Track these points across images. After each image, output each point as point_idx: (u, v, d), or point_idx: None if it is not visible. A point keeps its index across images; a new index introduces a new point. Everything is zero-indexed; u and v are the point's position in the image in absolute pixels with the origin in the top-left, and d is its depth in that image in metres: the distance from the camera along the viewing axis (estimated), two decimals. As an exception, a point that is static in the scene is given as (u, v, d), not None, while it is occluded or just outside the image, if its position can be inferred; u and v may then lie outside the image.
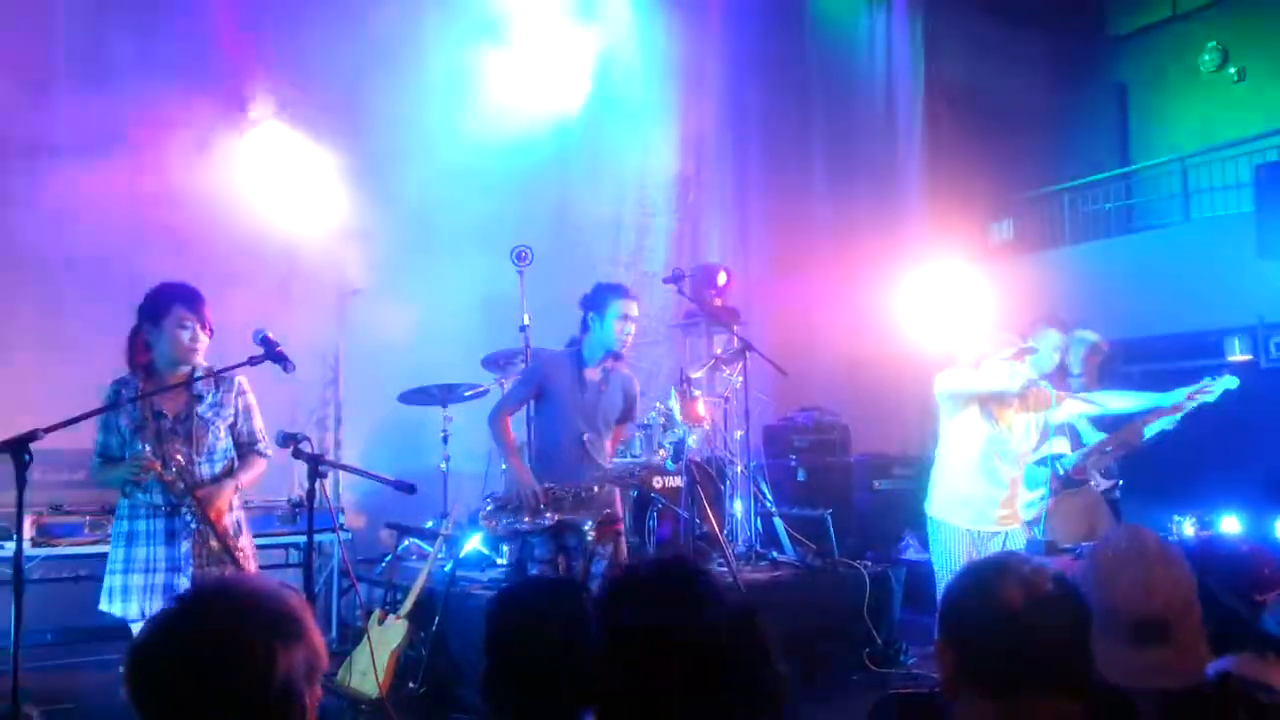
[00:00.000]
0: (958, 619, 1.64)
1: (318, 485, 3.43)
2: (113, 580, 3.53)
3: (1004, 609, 1.57)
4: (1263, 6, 9.69)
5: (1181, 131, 9.88)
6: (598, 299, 4.29)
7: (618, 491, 4.45)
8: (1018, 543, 4.43)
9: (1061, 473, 5.10)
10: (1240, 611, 2.17)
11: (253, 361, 3.46)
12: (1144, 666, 1.74)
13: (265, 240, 6.21)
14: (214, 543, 3.48)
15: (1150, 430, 4.89)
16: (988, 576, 1.62)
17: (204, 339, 3.58)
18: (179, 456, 3.46)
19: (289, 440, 3.28)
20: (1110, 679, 1.75)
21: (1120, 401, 4.78)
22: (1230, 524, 5.62)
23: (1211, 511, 5.41)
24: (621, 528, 4.44)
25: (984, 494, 4.43)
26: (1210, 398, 4.50)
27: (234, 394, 3.69)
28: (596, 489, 4.21)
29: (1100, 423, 5.41)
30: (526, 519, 4.12)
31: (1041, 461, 5.17)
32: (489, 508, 4.25)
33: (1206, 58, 10.13)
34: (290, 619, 1.31)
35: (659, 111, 8.44)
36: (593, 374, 4.31)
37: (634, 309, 4.30)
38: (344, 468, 3.89)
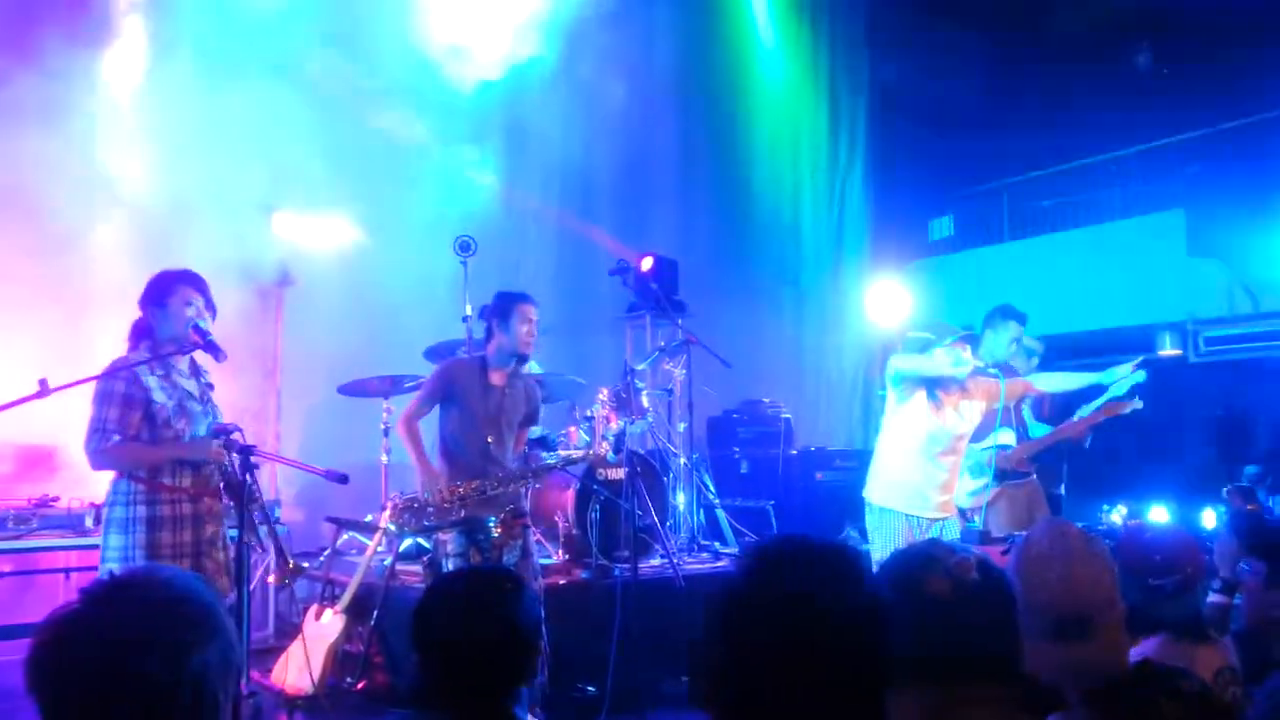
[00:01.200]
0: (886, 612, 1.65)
1: (254, 478, 3.40)
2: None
3: (931, 600, 1.58)
4: (1194, 10, 9.92)
5: (1118, 131, 10.08)
6: (501, 306, 4.40)
7: (523, 488, 4.54)
8: (954, 530, 4.50)
9: (1006, 464, 5.20)
10: (1134, 596, 2.22)
11: (183, 350, 3.39)
12: (1068, 661, 1.76)
13: (194, 220, 6.03)
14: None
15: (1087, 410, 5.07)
16: (913, 568, 1.63)
17: (209, 319, 3.53)
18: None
19: (221, 432, 3.22)
20: (1035, 674, 1.78)
21: (1058, 383, 4.92)
22: (1159, 514, 5.76)
23: (1141, 502, 5.54)
24: (528, 521, 4.52)
25: (924, 480, 4.48)
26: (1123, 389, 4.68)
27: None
28: (500, 488, 4.30)
29: (1040, 415, 5.53)
30: (432, 515, 4.19)
31: (987, 451, 5.27)
32: (394, 506, 4.28)
33: (1141, 59, 10.35)
34: (203, 613, 1.27)
35: (601, 101, 8.42)
36: (497, 379, 4.40)
37: (535, 313, 4.41)
38: (275, 459, 3.84)
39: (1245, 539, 2.53)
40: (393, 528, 4.32)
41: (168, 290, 3.48)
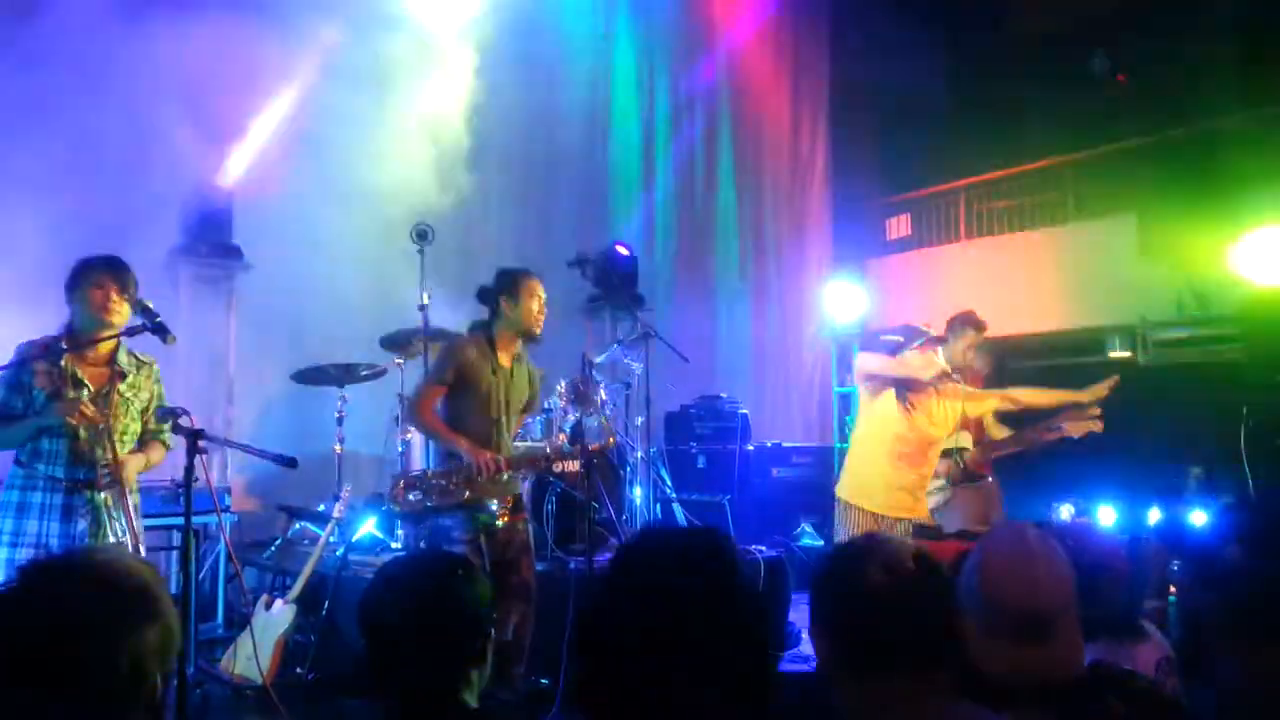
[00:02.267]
0: (827, 606, 1.67)
1: (203, 465, 3.35)
2: None
3: (870, 592, 1.60)
4: (1147, 16, 10.09)
5: (1072, 133, 10.23)
6: (509, 282, 4.28)
7: (521, 476, 4.46)
8: None
9: (962, 466, 5.26)
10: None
11: (130, 332, 3.32)
12: (1027, 662, 1.77)
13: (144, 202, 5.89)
14: (114, 521, 3.37)
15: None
16: (852, 562, 1.65)
17: (121, 303, 3.44)
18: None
19: (168, 415, 3.16)
20: (994, 675, 1.79)
21: (1036, 397, 4.93)
22: (1106, 514, 5.87)
23: (1088, 500, 5.62)
24: (527, 515, 4.49)
25: (894, 480, 4.50)
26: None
27: (151, 379, 3.60)
28: (510, 472, 4.19)
29: (1004, 419, 5.60)
30: (435, 496, 4.07)
31: (946, 454, 5.33)
32: (399, 484, 4.16)
33: (1096, 63, 10.50)
34: (142, 595, 1.24)
35: (560, 94, 8.38)
36: (504, 359, 4.30)
37: (543, 290, 4.31)
38: (223, 442, 3.76)
39: (1170, 541, 2.59)
40: (396, 508, 4.15)
41: (78, 277, 3.44)
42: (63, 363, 3.37)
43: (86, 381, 3.41)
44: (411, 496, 4.10)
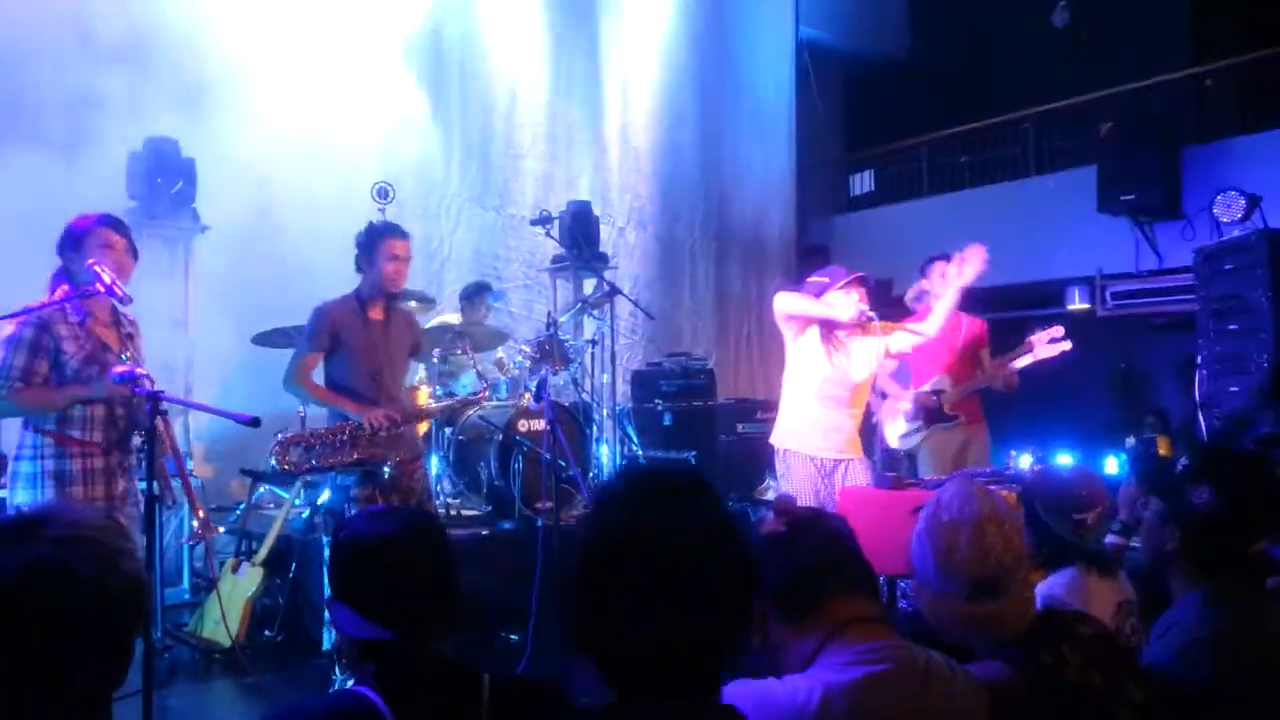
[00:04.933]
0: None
1: (166, 428, 3.33)
2: None
3: (775, 540, 1.69)
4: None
5: (1033, 89, 10.27)
6: (367, 241, 4.18)
7: (418, 430, 4.44)
8: (858, 472, 4.46)
9: (937, 407, 5.34)
10: (1060, 530, 2.31)
11: (84, 294, 3.26)
12: (980, 619, 1.82)
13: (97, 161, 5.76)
14: (164, 480, 3.34)
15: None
16: (750, 526, 1.80)
17: (130, 262, 3.43)
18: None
19: (127, 378, 3.12)
20: (949, 633, 1.85)
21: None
22: (1065, 461, 5.97)
23: (1048, 448, 5.72)
24: (424, 465, 4.47)
25: (825, 421, 4.43)
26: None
27: (139, 337, 3.59)
28: (400, 426, 4.12)
29: None
30: (321, 454, 4.00)
31: (924, 394, 5.40)
32: (281, 442, 4.00)
33: (1056, 17, 10.52)
34: (113, 553, 1.24)
35: (528, 48, 8.28)
36: (376, 314, 4.23)
37: (404, 249, 4.19)
38: (183, 403, 3.71)
39: (1146, 478, 2.64)
40: (274, 461, 3.99)
41: (83, 234, 3.36)
42: (88, 325, 3.34)
43: (110, 345, 3.38)
44: (294, 455, 3.98)
